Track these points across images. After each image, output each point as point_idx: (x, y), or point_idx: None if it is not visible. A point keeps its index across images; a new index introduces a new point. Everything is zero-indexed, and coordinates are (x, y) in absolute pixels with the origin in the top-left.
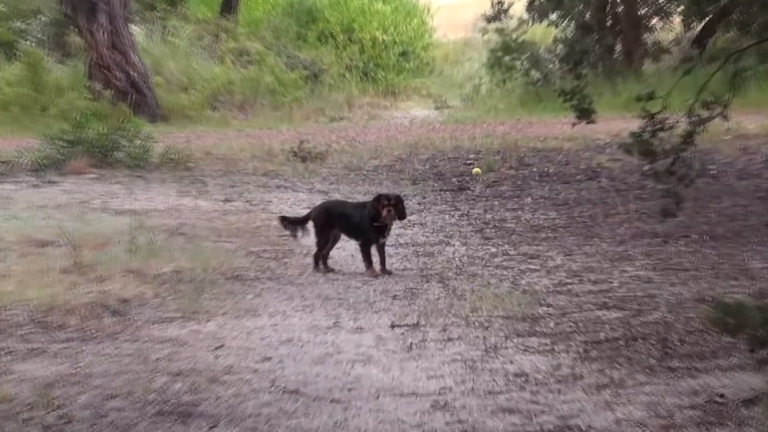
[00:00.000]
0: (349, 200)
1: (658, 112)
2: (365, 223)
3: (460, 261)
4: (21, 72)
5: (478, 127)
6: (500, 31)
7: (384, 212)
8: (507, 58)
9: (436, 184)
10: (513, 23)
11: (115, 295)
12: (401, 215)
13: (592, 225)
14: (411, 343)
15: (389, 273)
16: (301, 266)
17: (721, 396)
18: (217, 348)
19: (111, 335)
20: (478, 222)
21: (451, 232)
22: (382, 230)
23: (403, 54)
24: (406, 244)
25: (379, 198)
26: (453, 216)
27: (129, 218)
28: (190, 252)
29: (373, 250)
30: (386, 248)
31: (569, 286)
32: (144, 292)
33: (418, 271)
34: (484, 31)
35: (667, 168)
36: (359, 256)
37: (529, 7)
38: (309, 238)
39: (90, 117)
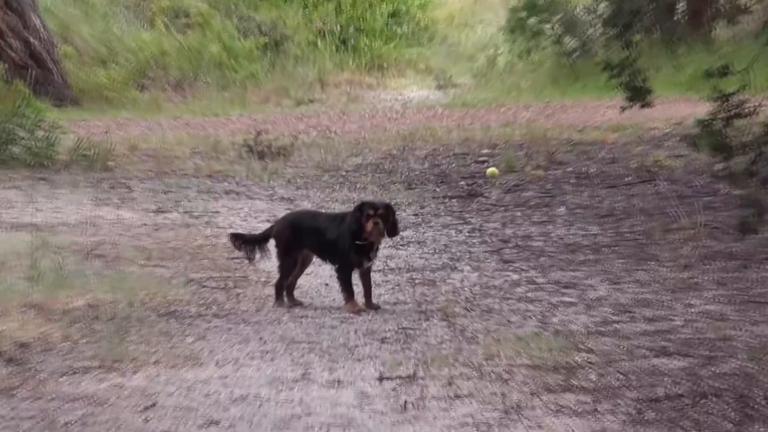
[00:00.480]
0: (323, 211)
1: (734, 93)
2: (344, 241)
3: (471, 292)
4: None
5: (494, 112)
6: None
7: (369, 226)
8: (533, 19)
9: (438, 189)
10: None
11: (10, 338)
12: (392, 230)
13: (646, 244)
14: (405, 402)
15: (376, 308)
16: (259, 299)
17: None
18: (146, 408)
19: (5, 391)
20: (494, 239)
21: (458, 253)
22: (367, 251)
23: (394, 15)
24: (399, 269)
25: (361, 207)
26: (461, 231)
27: (29, 235)
28: (111, 280)
29: (355, 278)
30: (372, 275)
31: (616, 326)
32: (49, 333)
33: (415, 306)
34: None
35: (746, 167)
36: (336, 284)
37: None
38: (270, 262)
39: None
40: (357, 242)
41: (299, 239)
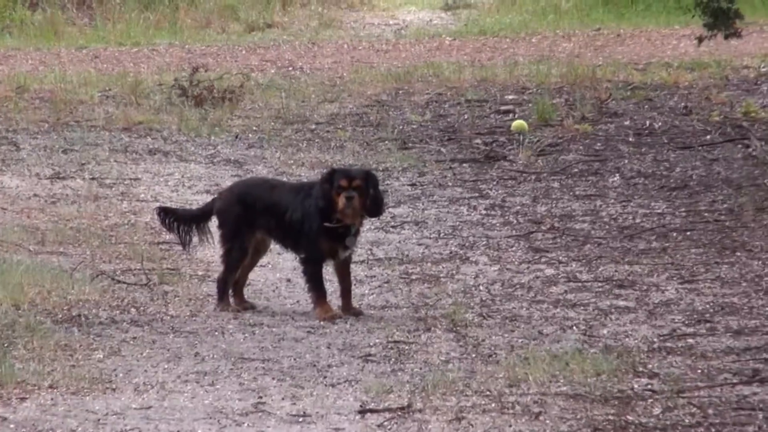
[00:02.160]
0: (284, 180)
1: None
2: (310, 222)
3: (489, 292)
4: None
5: (522, 43)
6: None
7: (341, 203)
8: None
9: (444, 150)
10: None
11: None
12: (374, 208)
13: (733, 227)
14: None
15: (357, 313)
16: (195, 299)
17: None
18: None
19: None
20: (521, 220)
21: (471, 239)
22: (341, 236)
23: None
24: (390, 260)
25: (331, 177)
26: (475, 208)
27: None
28: None
29: (329, 272)
30: (352, 268)
31: (689, 340)
32: None
33: (411, 311)
34: None
35: None
36: (302, 281)
37: None
38: (211, 249)
39: None
40: (326, 224)
41: (251, 219)
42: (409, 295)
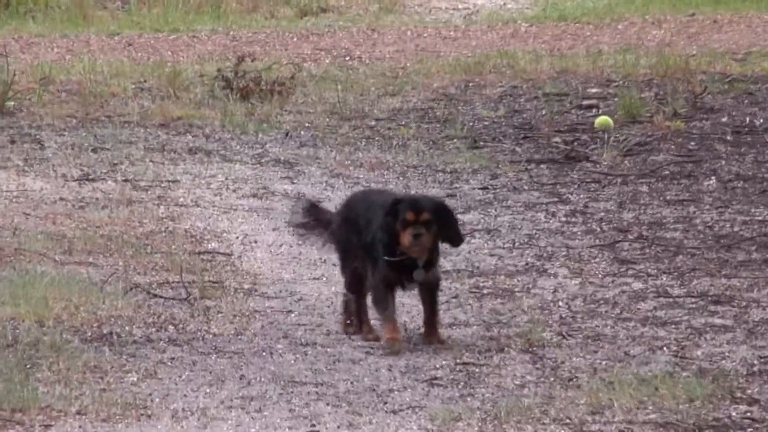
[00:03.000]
0: (389, 191)
1: None
2: (375, 248)
3: (569, 308)
4: None
5: (607, 30)
6: None
7: (406, 240)
8: None
9: (519, 150)
10: None
11: None
12: (452, 240)
13: None
14: None
15: (440, 342)
16: (240, 315)
17: None
18: None
19: None
20: (606, 228)
21: (549, 249)
22: (409, 268)
23: None
24: (458, 272)
25: (395, 208)
26: (554, 215)
27: None
28: (10, 285)
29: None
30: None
31: None
32: None
33: (482, 329)
34: None
35: None
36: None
37: None
38: (257, 259)
39: None
40: (389, 258)
41: (353, 238)
42: (480, 311)
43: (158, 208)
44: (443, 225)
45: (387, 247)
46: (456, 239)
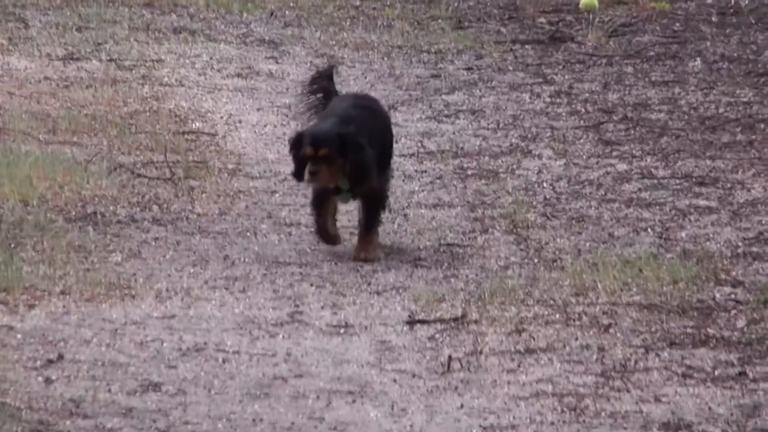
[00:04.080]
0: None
1: None
2: None
3: (554, 189)
4: None
5: None
6: None
7: (305, 174)
8: None
9: (504, 30)
10: None
11: None
12: (353, 177)
13: None
14: (449, 359)
15: (364, 260)
16: (225, 195)
17: None
18: (49, 363)
19: None
20: (590, 108)
21: (534, 130)
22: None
23: None
24: (442, 152)
25: (298, 141)
26: (539, 96)
27: None
28: None
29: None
30: (402, 164)
31: None
32: None
33: (466, 210)
34: None
35: None
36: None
37: None
38: (242, 140)
39: None
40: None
41: None
42: (464, 192)
43: (143, 88)
44: (341, 161)
45: (295, 175)
46: (361, 174)
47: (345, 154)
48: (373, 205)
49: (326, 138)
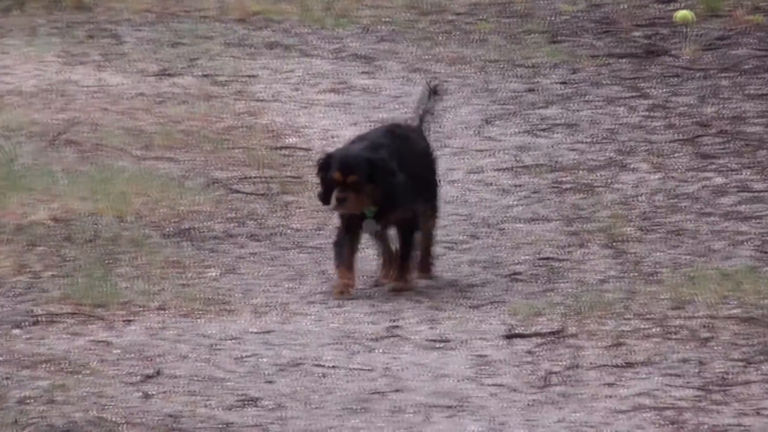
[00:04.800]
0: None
1: None
2: None
3: (650, 203)
4: None
5: None
6: None
7: (333, 201)
8: None
9: (599, 44)
10: None
11: None
12: (384, 202)
13: None
14: (548, 374)
15: (401, 290)
16: (321, 211)
17: None
18: (146, 378)
19: None
20: (686, 122)
21: (630, 144)
22: (356, 218)
23: None
24: (538, 167)
25: (326, 164)
26: (635, 109)
27: None
28: (90, 181)
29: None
30: (496, 178)
31: None
32: None
33: (563, 224)
34: None
35: None
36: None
37: None
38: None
39: None
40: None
41: None
42: (560, 206)
43: (237, 103)
44: (370, 186)
45: (321, 198)
46: (392, 199)
47: (374, 180)
48: (408, 234)
49: (355, 164)
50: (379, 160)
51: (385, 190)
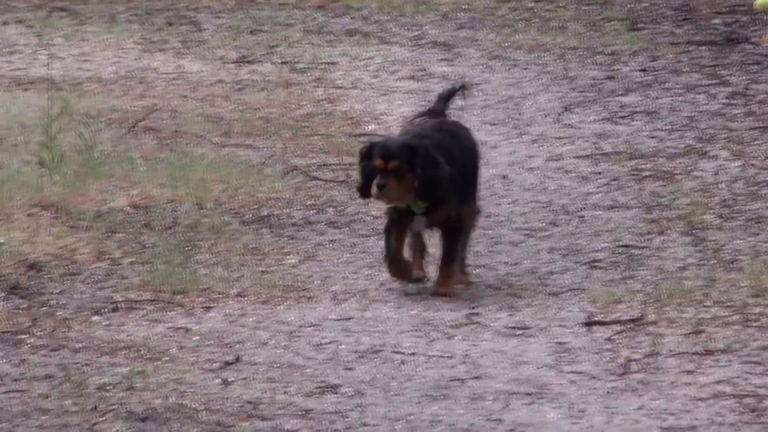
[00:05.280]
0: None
1: None
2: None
3: (731, 190)
4: None
5: None
6: None
7: (372, 188)
8: None
9: (678, 31)
10: None
11: (15, 255)
12: (423, 190)
13: None
14: (628, 361)
15: (444, 295)
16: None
17: None
18: (226, 365)
19: (9, 337)
20: (766, 110)
21: (710, 131)
22: (405, 214)
23: None
24: (618, 154)
25: (368, 152)
26: (714, 97)
27: (41, 96)
28: (169, 167)
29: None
30: (574, 165)
31: None
32: (74, 248)
33: (642, 211)
34: None
35: None
36: (518, 177)
37: None
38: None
39: None
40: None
41: None
42: (640, 193)
43: (316, 90)
44: (411, 173)
45: (360, 190)
46: (431, 188)
47: (417, 168)
48: (453, 236)
49: (397, 150)
50: (421, 147)
51: (427, 179)
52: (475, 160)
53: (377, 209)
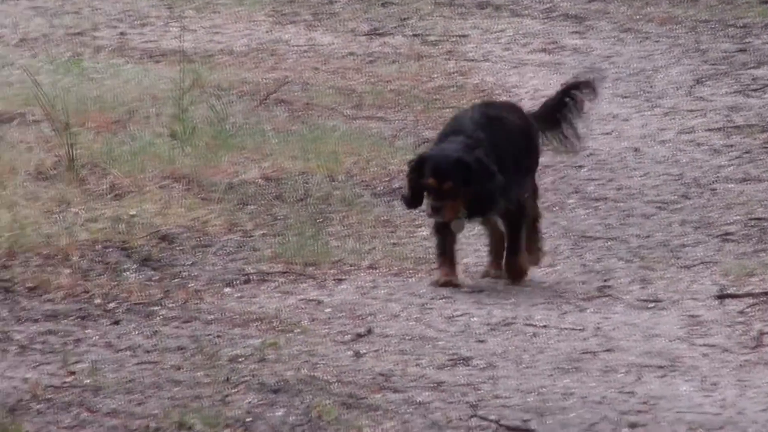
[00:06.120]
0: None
1: None
2: None
3: None
4: None
5: None
6: None
7: (427, 210)
8: None
9: None
10: None
11: (147, 227)
12: (477, 208)
13: None
14: (758, 335)
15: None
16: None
17: None
18: (358, 337)
19: (141, 308)
20: None
21: None
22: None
23: None
24: (750, 126)
25: (419, 166)
26: None
27: (173, 68)
28: (301, 140)
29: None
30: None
31: None
32: (206, 220)
33: None
34: None
35: None
36: (650, 150)
37: None
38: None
39: None
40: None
41: None
42: None
43: (447, 63)
44: (465, 191)
45: (407, 202)
46: (485, 204)
47: (471, 185)
48: (514, 227)
49: (451, 169)
50: (474, 162)
51: (481, 193)
52: (528, 141)
53: None
